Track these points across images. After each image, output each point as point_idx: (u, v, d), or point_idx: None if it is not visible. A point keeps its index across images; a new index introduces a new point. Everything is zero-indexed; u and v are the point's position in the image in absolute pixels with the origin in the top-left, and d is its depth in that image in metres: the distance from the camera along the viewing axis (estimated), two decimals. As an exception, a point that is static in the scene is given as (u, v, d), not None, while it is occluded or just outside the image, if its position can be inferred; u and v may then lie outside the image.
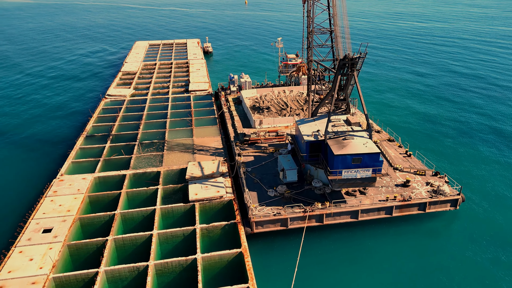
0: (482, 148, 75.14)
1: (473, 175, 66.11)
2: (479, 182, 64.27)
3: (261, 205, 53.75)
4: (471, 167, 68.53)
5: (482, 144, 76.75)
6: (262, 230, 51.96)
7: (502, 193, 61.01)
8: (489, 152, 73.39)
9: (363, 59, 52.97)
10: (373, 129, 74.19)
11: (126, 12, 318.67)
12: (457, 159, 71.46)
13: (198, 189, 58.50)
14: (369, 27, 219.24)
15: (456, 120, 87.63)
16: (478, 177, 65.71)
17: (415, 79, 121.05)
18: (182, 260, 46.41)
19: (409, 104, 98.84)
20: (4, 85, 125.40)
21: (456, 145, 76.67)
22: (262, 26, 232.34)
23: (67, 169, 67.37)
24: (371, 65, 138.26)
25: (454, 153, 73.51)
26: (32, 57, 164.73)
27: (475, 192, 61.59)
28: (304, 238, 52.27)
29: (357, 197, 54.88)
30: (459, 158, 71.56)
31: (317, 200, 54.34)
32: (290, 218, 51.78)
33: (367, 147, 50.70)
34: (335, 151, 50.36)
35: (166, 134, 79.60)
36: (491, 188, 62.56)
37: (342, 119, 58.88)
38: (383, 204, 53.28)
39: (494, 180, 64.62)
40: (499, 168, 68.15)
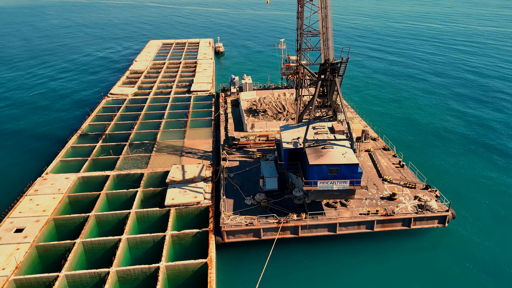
0: (485, 163, 69.84)
1: (470, 192, 61.66)
2: (476, 199, 59.84)
3: (235, 214, 51.80)
4: (469, 183, 64.02)
5: (486, 159, 71.34)
6: (233, 240, 50.02)
7: (498, 214, 56.54)
8: (493, 169, 68.13)
9: (346, 64, 50.10)
10: (369, 137, 70.87)
11: (148, 11, 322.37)
12: (456, 173, 66.98)
13: (176, 194, 57.10)
14: (379, 30, 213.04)
15: (461, 132, 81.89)
16: (476, 194, 61.20)
17: (420, 85, 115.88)
18: (145, 268, 45.10)
19: (412, 112, 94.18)
20: (14, 79, 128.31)
21: (457, 157, 71.97)
22: (280, 27, 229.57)
23: (54, 167, 67.43)
24: (373, 71, 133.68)
25: (454, 166, 68.99)
26: (49, 52, 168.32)
27: (470, 210, 57.36)
28: (279, 250, 50.03)
29: (337, 209, 52.08)
30: (458, 172, 67.04)
31: (295, 211, 51.91)
32: (263, 228, 49.59)
33: (346, 158, 47.85)
34: (311, 160, 47.78)
35: (158, 135, 78.79)
36: (487, 207, 58.10)
37: (327, 126, 56.10)
38: (364, 218, 50.28)
39: (493, 198, 59.92)
40: (500, 186, 63.31)
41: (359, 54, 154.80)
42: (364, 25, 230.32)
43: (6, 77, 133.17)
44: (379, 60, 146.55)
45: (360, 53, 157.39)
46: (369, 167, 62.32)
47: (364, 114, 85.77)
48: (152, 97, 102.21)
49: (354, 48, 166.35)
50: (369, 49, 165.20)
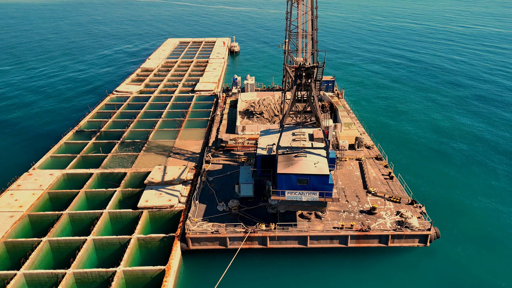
0: (484, 183, 63.98)
1: (463, 211, 56.90)
2: (469, 219, 55.12)
3: (204, 220, 50.10)
4: (464, 201, 59.13)
5: (486, 179, 65.26)
6: (199, 247, 48.35)
7: (491, 237, 51.86)
8: (492, 190, 62.44)
9: (322, 69, 47.29)
10: (362, 145, 67.28)
11: (175, 9, 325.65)
12: (451, 190, 61.94)
13: (151, 196, 56.08)
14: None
15: (465, 149, 75.40)
16: (470, 213, 56.32)
17: (435, 96, 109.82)
18: (102, 272, 44.27)
19: (419, 123, 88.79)
20: (30, 75, 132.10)
21: (456, 174, 66.59)
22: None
23: (43, 163, 68.11)
24: (387, 75, 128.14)
25: (450, 182, 63.86)
26: (67, 50, 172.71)
27: (461, 229, 52.95)
28: (246, 261, 48.02)
29: (311, 221, 49.35)
30: (453, 189, 61.96)
31: (267, 220, 49.64)
32: (230, 237, 47.63)
33: (317, 167, 45.09)
34: (279, 168, 45.39)
35: (151, 134, 78.29)
36: (480, 228, 53.46)
37: (307, 133, 53.35)
38: (337, 232, 47.31)
39: (487, 219, 55.03)
40: (498, 207, 58.17)
41: (375, 59, 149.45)
42: (390, 26, 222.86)
43: (30, 69, 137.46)
44: (398, 65, 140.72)
45: (378, 57, 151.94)
46: (356, 177, 58.99)
47: (364, 120, 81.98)
48: (156, 95, 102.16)
49: (373, 52, 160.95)
50: (389, 54, 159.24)
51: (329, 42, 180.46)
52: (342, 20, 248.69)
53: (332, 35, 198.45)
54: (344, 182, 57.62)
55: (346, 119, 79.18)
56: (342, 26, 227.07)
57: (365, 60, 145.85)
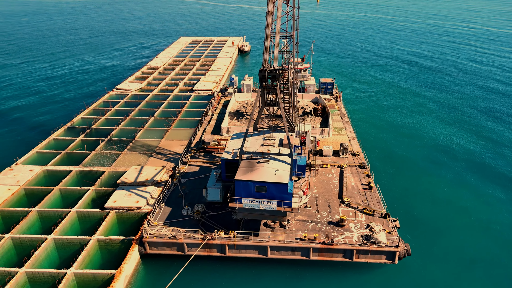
0: (474, 199, 59.57)
1: (446, 227, 53.15)
2: (450, 237, 51.38)
3: (165, 224, 48.81)
4: (448, 217, 55.25)
5: (477, 196, 60.44)
6: (156, 252, 47.08)
7: (468, 257, 48.07)
8: (482, 207, 58.25)
9: (287, 72, 44.95)
10: (348, 151, 64.24)
11: (194, 7, 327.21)
12: (435, 204, 57.99)
13: (121, 196, 55.32)
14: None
15: (456, 162, 70.19)
16: (452, 231, 52.55)
17: (443, 99, 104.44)
18: (54, 273, 43.69)
19: (417, 131, 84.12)
20: (36, 71, 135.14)
21: (443, 188, 62.04)
22: (320, 26, 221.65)
23: (27, 159, 68.72)
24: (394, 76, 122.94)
25: (435, 197, 59.70)
26: (82, 47, 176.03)
27: (437, 247, 49.36)
28: (204, 268, 46.49)
29: (275, 230, 47.17)
30: (437, 204, 57.96)
31: (230, 227, 47.83)
32: (187, 243, 46.10)
33: (276, 175, 42.86)
34: (238, 174, 43.46)
35: (139, 132, 77.89)
36: (457, 246, 49.72)
37: (278, 138, 51.15)
38: (298, 244, 44.91)
39: (467, 239, 51.07)
40: (484, 225, 54.01)
41: (388, 62, 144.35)
42: (404, 27, 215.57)
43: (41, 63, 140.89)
44: (410, 70, 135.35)
45: (391, 61, 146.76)
46: (333, 185, 56.21)
47: (358, 125, 78.66)
48: (154, 94, 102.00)
49: (386, 55, 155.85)
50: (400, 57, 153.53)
51: (341, 42, 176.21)
52: (366, 21, 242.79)
53: (345, 35, 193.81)
54: (319, 190, 55.02)
55: (338, 123, 76.15)
56: (363, 26, 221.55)
57: (377, 64, 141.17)
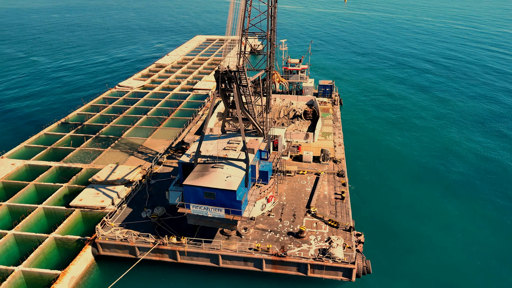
0: (448, 218, 54.90)
1: (414, 246, 49.26)
2: (417, 256, 47.55)
3: (121, 225, 47.89)
4: (421, 236, 51.24)
5: (452, 215, 55.46)
6: (109, 253, 46.19)
7: (436, 279, 44.23)
8: (466, 222, 53.85)
9: (244, 74, 42.83)
10: (328, 158, 61.18)
11: (219, 6, 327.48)
12: (413, 220, 53.97)
13: (88, 195, 54.96)
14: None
15: (450, 175, 65.24)
16: (421, 249, 48.70)
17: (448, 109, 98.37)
18: (3, 269, 43.60)
19: (409, 139, 79.27)
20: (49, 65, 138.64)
21: (426, 204, 57.51)
22: (345, 27, 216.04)
23: (14, 152, 69.86)
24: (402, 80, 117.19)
25: (413, 213, 55.43)
26: (95, 42, 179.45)
27: (404, 267, 45.74)
28: (156, 273, 45.19)
29: (230, 239, 45.21)
30: (416, 221, 53.89)
31: (187, 232, 46.31)
32: (139, 247, 44.91)
33: (226, 182, 40.88)
34: (187, 179, 41.82)
35: (128, 130, 77.76)
36: (427, 267, 45.88)
37: (242, 142, 49.00)
38: (250, 255, 42.74)
39: (439, 260, 47.06)
40: (456, 247, 49.65)
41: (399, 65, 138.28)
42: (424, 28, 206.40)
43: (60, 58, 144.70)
44: (423, 72, 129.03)
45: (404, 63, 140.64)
46: (305, 193, 53.51)
47: (351, 131, 75.17)
48: (154, 92, 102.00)
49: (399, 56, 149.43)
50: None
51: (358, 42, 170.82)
52: (403, 21, 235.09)
53: (368, 36, 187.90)
54: (288, 198, 52.52)
55: (328, 128, 72.98)
56: (390, 28, 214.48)
57: (389, 65, 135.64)
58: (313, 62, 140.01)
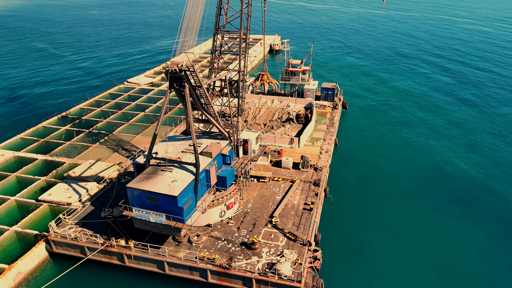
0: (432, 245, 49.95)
1: (386, 268, 45.10)
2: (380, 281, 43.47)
3: (77, 223, 47.32)
4: (399, 257, 46.96)
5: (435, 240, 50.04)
6: (61, 251, 45.73)
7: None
8: (450, 246, 48.82)
9: (195, 74, 40.70)
10: (308, 165, 57.83)
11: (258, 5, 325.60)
12: (392, 237, 49.79)
13: (59, 190, 55.07)
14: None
15: (438, 198, 58.73)
16: (391, 272, 44.51)
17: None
18: (-43, 260, 44.22)
19: (407, 153, 73.48)
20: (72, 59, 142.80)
21: (413, 218, 53.08)
22: (380, 28, 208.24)
23: (9, 143, 71.74)
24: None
25: (396, 228, 51.15)
26: (119, 38, 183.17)
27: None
28: (105, 275, 44.21)
29: (180, 245, 43.40)
30: (395, 237, 49.69)
31: (138, 236, 45.00)
32: (88, 247, 44.08)
33: (169, 186, 39.03)
34: (132, 182, 40.39)
35: (121, 127, 77.91)
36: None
37: (205, 144, 47.04)
38: (195, 264, 40.70)
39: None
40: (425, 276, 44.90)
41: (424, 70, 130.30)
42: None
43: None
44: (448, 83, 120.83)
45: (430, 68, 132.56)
46: (273, 201, 50.69)
47: (347, 138, 71.06)
48: (160, 89, 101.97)
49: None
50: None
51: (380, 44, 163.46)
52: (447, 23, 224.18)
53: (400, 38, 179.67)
54: (255, 205, 49.94)
55: (319, 133, 69.34)
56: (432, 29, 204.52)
57: (415, 70, 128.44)
58: (330, 64, 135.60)
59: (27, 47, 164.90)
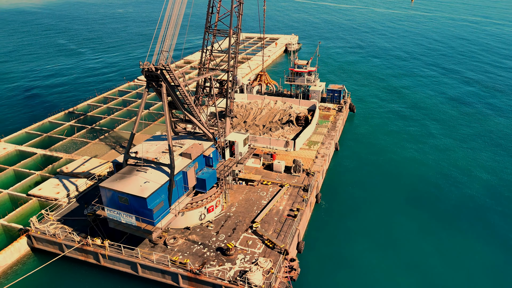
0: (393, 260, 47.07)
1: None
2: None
3: (59, 220, 47.40)
4: (384, 277, 44.44)
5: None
6: (42, 247, 45.88)
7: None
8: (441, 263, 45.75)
9: (172, 73, 39.74)
10: (301, 169, 55.98)
11: (278, 4, 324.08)
12: (379, 253, 47.27)
13: (49, 185, 55.58)
14: None
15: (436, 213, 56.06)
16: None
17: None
18: None
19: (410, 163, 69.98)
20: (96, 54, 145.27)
21: (406, 235, 50.16)
22: (404, 30, 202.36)
23: (13, 137, 73.29)
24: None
25: (386, 244, 48.56)
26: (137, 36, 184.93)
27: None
28: (81, 273, 43.99)
29: (155, 247, 42.65)
30: (382, 254, 47.04)
31: (116, 236, 44.58)
32: (66, 245, 44.01)
33: (141, 188, 38.26)
34: (105, 181, 39.91)
35: (123, 124, 78.27)
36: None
37: (187, 145, 46.14)
38: (166, 268, 39.80)
39: None
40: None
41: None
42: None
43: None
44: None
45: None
46: (258, 206, 49.20)
47: (346, 143, 68.55)
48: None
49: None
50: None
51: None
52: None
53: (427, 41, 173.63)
54: (238, 209, 48.62)
55: (319, 137, 67.16)
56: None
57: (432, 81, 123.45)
58: (347, 66, 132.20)
59: (50, 44, 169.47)
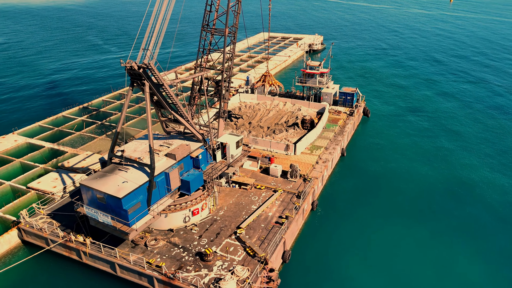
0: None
1: None
2: None
3: (50, 214, 47.94)
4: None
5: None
6: (31, 240, 46.55)
7: None
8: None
9: (155, 72, 38.94)
10: (297, 175, 54.07)
11: (305, 4, 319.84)
12: (369, 269, 44.59)
13: (49, 179, 56.59)
14: None
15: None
16: None
17: None
18: None
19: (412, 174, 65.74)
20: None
21: (402, 249, 47.14)
22: (444, 32, 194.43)
23: (26, 130, 75.45)
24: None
25: (379, 259, 45.86)
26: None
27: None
28: (67, 269, 44.25)
29: (135, 248, 42.20)
30: (372, 270, 44.32)
31: (100, 234, 44.53)
32: (51, 239, 44.37)
33: (118, 187, 37.79)
34: (86, 179, 39.79)
35: (132, 120, 78.98)
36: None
37: (175, 145, 45.43)
38: (142, 270, 39.20)
39: None
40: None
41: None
42: None
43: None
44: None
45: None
46: (248, 211, 47.83)
47: (351, 148, 65.78)
48: (183, 85, 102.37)
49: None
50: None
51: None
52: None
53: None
54: (226, 213, 47.44)
55: (323, 141, 64.81)
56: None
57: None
58: (369, 68, 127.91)
59: (79, 39, 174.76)
